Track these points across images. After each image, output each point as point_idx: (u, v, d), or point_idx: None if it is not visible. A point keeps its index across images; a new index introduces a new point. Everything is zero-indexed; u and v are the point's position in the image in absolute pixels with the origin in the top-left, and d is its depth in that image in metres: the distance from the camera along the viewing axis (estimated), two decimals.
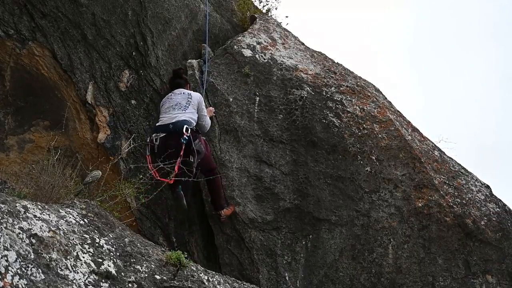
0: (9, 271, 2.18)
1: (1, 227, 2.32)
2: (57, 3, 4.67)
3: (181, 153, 4.55)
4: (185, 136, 4.63)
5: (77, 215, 3.05)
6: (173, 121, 4.80)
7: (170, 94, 5.16)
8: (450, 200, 5.41)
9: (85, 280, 2.55)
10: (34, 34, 4.59)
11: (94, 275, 2.64)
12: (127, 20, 5.20)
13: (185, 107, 4.97)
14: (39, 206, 2.80)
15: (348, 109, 5.78)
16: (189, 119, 4.89)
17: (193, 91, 5.57)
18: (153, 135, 4.80)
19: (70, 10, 4.76)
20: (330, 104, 5.77)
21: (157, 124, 4.96)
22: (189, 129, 4.74)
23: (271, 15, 7.71)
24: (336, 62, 6.67)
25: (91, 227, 3.02)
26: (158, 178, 4.45)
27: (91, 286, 2.56)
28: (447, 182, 5.60)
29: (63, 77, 4.80)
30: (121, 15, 5.14)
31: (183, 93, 5.13)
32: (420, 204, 5.36)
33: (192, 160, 4.67)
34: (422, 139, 6.12)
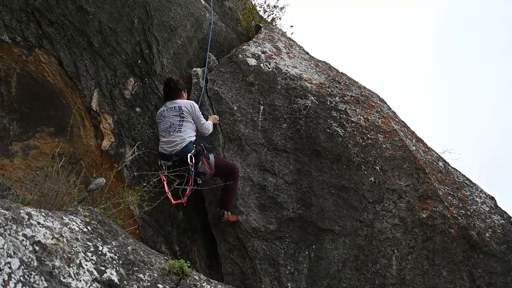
0: (12, 278, 2.16)
1: (5, 234, 2.31)
2: (64, 10, 4.70)
3: (190, 182, 4.84)
4: (190, 167, 4.85)
5: (80, 223, 3.04)
6: (175, 150, 4.94)
7: (163, 109, 5.15)
8: (454, 212, 5.38)
9: None
10: (41, 41, 4.62)
11: (96, 283, 2.62)
12: (133, 28, 5.23)
13: (179, 125, 5.02)
14: (43, 213, 2.79)
15: (352, 119, 5.77)
16: (189, 141, 5.00)
17: (197, 98, 5.58)
18: (162, 162, 4.98)
19: (77, 17, 4.79)
20: (334, 114, 5.77)
21: (160, 150, 5.06)
22: (193, 158, 4.92)
23: (275, 24, 7.74)
24: (340, 71, 6.68)
25: (94, 235, 3.01)
26: (173, 202, 4.77)
27: None
28: (451, 193, 5.58)
29: (69, 84, 4.82)
30: (127, 23, 5.17)
31: (174, 107, 5.08)
32: (424, 215, 5.33)
33: (200, 182, 4.99)
34: (427, 149, 6.11)
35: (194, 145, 5.03)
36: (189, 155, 4.89)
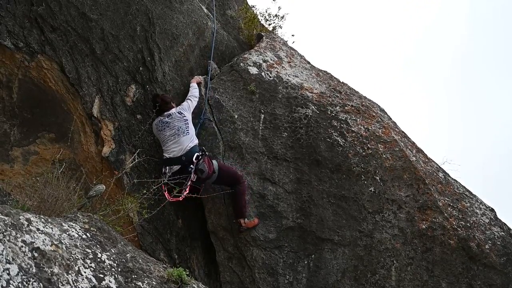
0: (10, 285, 2.15)
1: (4, 240, 2.30)
2: (67, 17, 4.73)
3: (192, 178, 4.93)
4: (192, 166, 4.97)
5: (79, 229, 3.03)
6: (185, 150, 5.06)
7: (163, 118, 5.20)
8: (454, 223, 5.36)
9: None
10: (43, 47, 4.64)
11: None
12: (136, 36, 5.25)
13: (186, 128, 5.16)
14: (42, 219, 2.78)
15: (353, 129, 5.78)
16: (196, 142, 5.18)
17: (198, 106, 5.60)
18: (167, 168, 5.03)
19: (80, 24, 4.81)
20: (335, 123, 5.78)
21: (168, 156, 5.09)
22: (199, 156, 5.05)
23: (276, 32, 7.77)
24: (341, 81, 6.70)
25: (93, 242, 3.00)
26: (170, 199, 4.78)
27: None
28: (451, 204, 5.57)
29: (70, 90, 4.83)
30: (130, 30, 5.20)
31: (176, 112, 5.22)
32: (424, 226, 5.32)
33: (200, 176, 5.01)
34: (427, 160, 6.10)
35: (199, 147, 5.19)
36: (196, 154, 5.03)
